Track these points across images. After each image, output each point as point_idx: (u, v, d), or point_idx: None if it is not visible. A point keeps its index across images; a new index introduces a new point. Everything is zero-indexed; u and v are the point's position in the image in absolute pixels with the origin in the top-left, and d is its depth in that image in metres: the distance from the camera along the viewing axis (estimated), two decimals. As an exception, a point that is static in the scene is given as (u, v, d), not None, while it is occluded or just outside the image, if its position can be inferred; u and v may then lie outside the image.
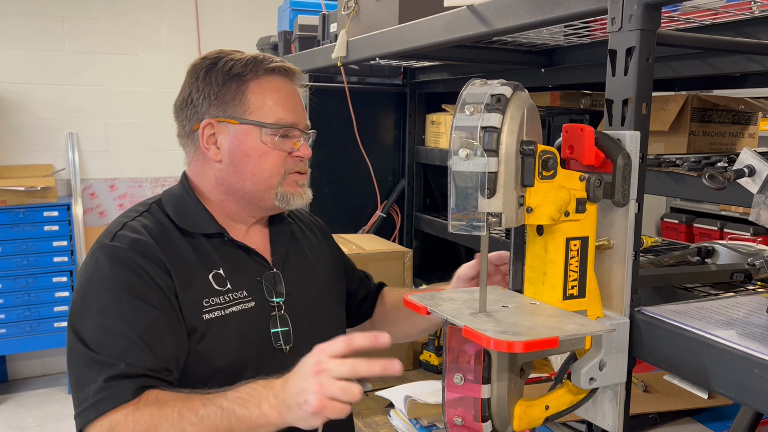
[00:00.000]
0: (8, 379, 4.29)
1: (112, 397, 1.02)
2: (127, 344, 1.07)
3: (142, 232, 1.17)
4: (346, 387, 0.93)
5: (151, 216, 1.23)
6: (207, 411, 1.00)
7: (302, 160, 1.28)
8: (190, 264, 1.18)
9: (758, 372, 0.78)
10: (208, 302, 1.17)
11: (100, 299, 1.11)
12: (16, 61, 4.18)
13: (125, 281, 1.12)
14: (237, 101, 1.23)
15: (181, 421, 0.99)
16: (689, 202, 4.74)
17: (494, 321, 0.82)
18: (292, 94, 1.28)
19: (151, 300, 1.11)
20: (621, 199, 0.91)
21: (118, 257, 1.13)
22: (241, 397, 1.00)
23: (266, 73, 1.25)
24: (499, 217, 0.84)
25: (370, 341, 0.98)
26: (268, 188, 1.25)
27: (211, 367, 1.15)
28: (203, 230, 1.24)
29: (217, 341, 1.16)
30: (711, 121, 1.76)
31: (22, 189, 3.87)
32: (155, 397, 1.04)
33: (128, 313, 1.09)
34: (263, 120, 1.23)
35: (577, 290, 0.92)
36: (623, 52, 0.94)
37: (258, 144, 1.23)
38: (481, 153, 0.82)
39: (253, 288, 1.24)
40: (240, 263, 1.25)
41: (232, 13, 4.67)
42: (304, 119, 1.29)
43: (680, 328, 0.89)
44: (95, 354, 1.06)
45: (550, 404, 0.94)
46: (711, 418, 1.33)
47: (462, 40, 1.36)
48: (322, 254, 1.44)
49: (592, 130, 0.91)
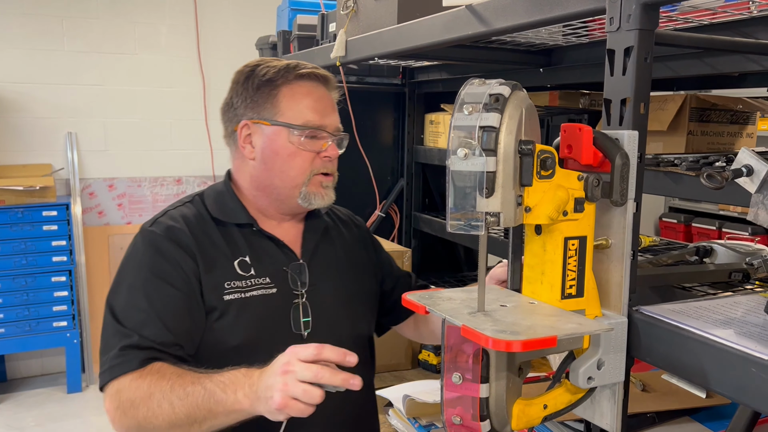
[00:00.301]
0: (7, 379, 4.29)
1: (122, 364, 1.17)
2: (146, 319, 1.20)
3: (178, 220, 1.31)
4: (308, 390, 1.00)
5: (191, 206, 1.37)
6: (193, 389, 1.09)
7: (330, 161, 1.35)
8: (218, 249, 1.30)
9: (756, 371, 0.78)
10: (230, 285, 1.27)
11: (131, 277, 1.26)
12: (15, 61, 4.17)
13: (153, 263, 1.25)
14: (269, 104, 1.33)
15: (170, 394, 1.11)
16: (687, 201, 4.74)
17: (492, 320, 0.83)
18: (321, 98, 1.36)
19: (174, 282, 1.24)
20: (619, 198, 0.91)
21: (151, 241, 1.28)
22: (223, 382, 1.09)
23: (297, 78, 1.34)
24: (497, 217, 0.84)
25: (338, 356, 1.05)
26: (294, 186, 1.33)
27: (226, 344, 1.25)
28: (235, 220, 1.35)
29: (234, 321, 1.26)
30: (709, 121, 1.76)
31: (20, 188, 3.86)
32: (158, 369, 1.16)
33: (151, 292, 1.23)
34: (291, 122, 1.32)
35: (576, 289, 0.92)
36: (621, 52, 0.94)
37: (286, 144, 1.32)
38: (479, 152, 0.82)
39: (277, 276, 1.32)
40: (267, 252, 1.34)
41: (231, 12, 4.67)
42: (334, 122, 1.37)
43: (678, 327, 0.89)
44: (119, 325, 1.21)
45: (548, 403, 0.94)
46: (709, 417, 1.33)
47: (461, 39, 1.36)
48: (355, 252, 1.50)
49: (591, 129, 0.92)
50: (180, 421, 1.10)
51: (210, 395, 1.08)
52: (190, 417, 1.09)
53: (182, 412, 1.09)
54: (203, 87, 4.64)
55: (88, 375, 4.29)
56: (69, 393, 4.14)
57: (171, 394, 1.10)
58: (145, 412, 1.12)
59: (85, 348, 4.27)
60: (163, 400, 1.10)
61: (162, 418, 1.11)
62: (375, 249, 1.58)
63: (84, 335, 4.26)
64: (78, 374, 4.16)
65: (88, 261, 4.34)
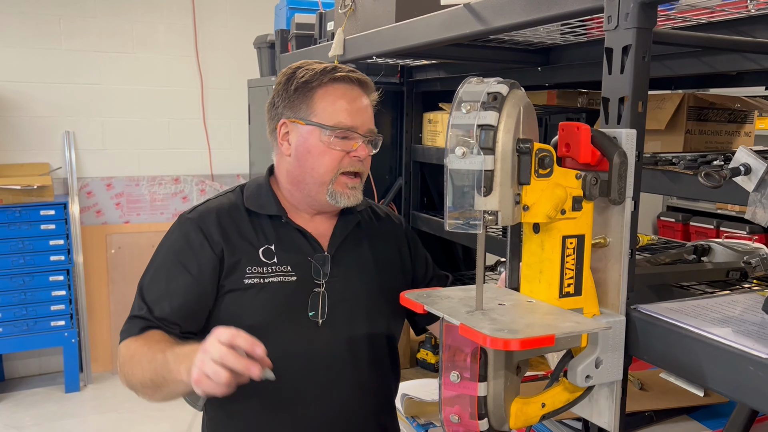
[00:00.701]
0: (5, 378, 4.28)
1: (128, 330, 1.35)
2: (159, 296, 1.36)
3: (213, 210, 1.43)
4: (217, 371, 1.07)
5: (231, 196, 1.48)
6: (158, 356, 1.22)
7: (359, 160, 1.41)
8: (245, 238, 1.41)
9: (754, 369, 0.79)
10: (251, 270, 1.38)
11: (160, 258, 1.42)
12: (12, 60, 4.17)
13: (179, 249, 1.40)
14: (305, 105, 1.41)
15: (143, 357, 1.25)
16: (685, 200, 4.75)
17: (490, 319, 0.83)
18: (354, 100, 1.42)
19: (191, 269, 1.37)
20: (617, 197, 0.91)
21: (182, 229, 1.42)
22: (177, 354, 1.20)
23: (332, 81, 1.41)
24: (495, 216, 0.84)
25: (248, 345, 1.11)
26: (322, 183, 1.41)
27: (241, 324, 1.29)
28: (266, 211, 1.44)
29: (250, 302, 1.37)
30: (707, 120, 1.76)
31: (18, 188, 3.86)
32: (151, 335, 1.31)
33: (170, 274, 1.38)
34: (324, 122, 1.39)
35: (574, 288, 0.92)
36: (619, 51, 0.94)
37: (318, 143, 1.39)
38: (477, 151, 0.82)
39: (299, 265, 1.41)
40: (293, 243, 1.43)
41: (229, 11, 4.66)
42: (366, 124, 1.43)
43: (676, 325, 0.89)
44: (140, 298, 1.38)
45: (546, 402, 0.94)
46: (707, 415, 1.33)
47: (459, 38, 1.36)
48: (386, 249, 1.55)
49: (589, 128, 0.92)
50: (147, 382, 1.25)
51: (165, 364, 1.20)
52: (152, 381, 1.23)
53: (147, 376, 1.24)
54: (201, 86, 4.63)
55: (86, 374, 4.28)
56: (67, 392, 4.13)
57: (143, 358, 1.25)
58: (128, 370, 1.29)
59: (83, 347, 4.26)
60: (137, 364, 1.26)
61: (137, 378, 1.27)
62: (410, 247, 1.62)
63: (82, 334, 4.25)
64: (76, 374, 4.16)
65: (86, 260, 4.33)
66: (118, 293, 4.41)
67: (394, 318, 1.53)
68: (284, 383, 1.34)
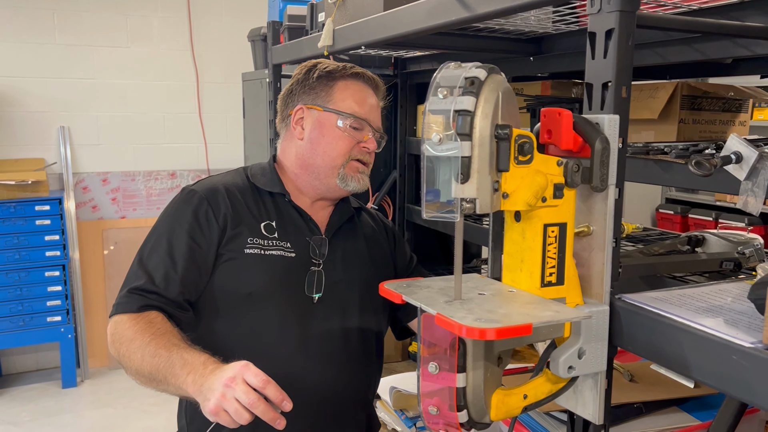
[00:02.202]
0: (2, 374, 4.28)
1: (125, 304, 1.33)
2: (160, 263, 1.37)
3: (218, 183, 1.47)
4: (239, 410, 1.07)
5: (235, 174, 1.54)
6: (161, 353, 1.21)
7: (368, 152, 1.49)
8: (249, 211, 1.45)
9: (737, 359, 0.77)
10: (252, 241, 1.41)
11: (161, 225, 1.43)
12: (5, 55, 4.14)
13: (183, 216, 1.41)
14: (324, 93, 1.49)
15: (145, 347, 1.23)
16: (684, 192, 4.73)
17: (468, 308, 0.81)
18: (369, 98, 1.52)
19: (195, 236, 1.39)
20: (599, 184, 0.89)
21: (186, 198, 1.44)
22: (185, 359, 1.19)
23: (352, 76, 1.51)
24: (473, 203, 0.82)
25: (277, 398, 1.10)
26: (333, 167, 1.46)
27: (238, 292, 1.39)
28: (270, 188, 1.50)
29: (249, 271, 1.39)
30: (701, 109, 1.74)
31: (12, 183, 3.84)
32: (151, 319, 1.30)
33: (173, 240, 1.39)
34: (342, 110, 1.47)
35: (556, 277, 0.91)
36: (603, 35, 0.92)
37: (333, 128, 1.47)
38: (454, 137, 0.80)
39: (298, 244, 1.45)
40: (293, 222, 1.48)
41: (224, 4, 4.63)
42: (376, 120, 1.52)
43: (659, 315, 0.87)
44: (138, 266, 1.39)
45: (528, 393, 0.92)
46: (697, 407, 1.32)
47: (445, 26, 1.34)
48: (376, 244, 1.60)
49: (571, 113, 0.90)
50: (144, 373, 1.24)
51: (170, 366, 1.19)
52: (151, 375, 1.23)
53: (146, 368, 1.23)
54: (197, 80, 4.61)
55: (83, 370, 4.28)
56: (64, 388, 4.13)
57: (145, 348, 1.23)
58: (125, 351, 1.27)
59: (79, 343, 4.26)
60: (138, 350, 1.24)
61: (132, 364, 1.26)
62: (394, 245, 1.65)
63: (78, 330, 4.25)
64: (73, 369, 4.15)
65: (82, 256, 4.32)
66: (114, 288, 4.39)
67: (382, 311, 1.55)
68: (278, 356, 1.37)
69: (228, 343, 1.38)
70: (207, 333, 1.40)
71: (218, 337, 1.39)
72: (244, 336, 1.39)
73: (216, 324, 1.40)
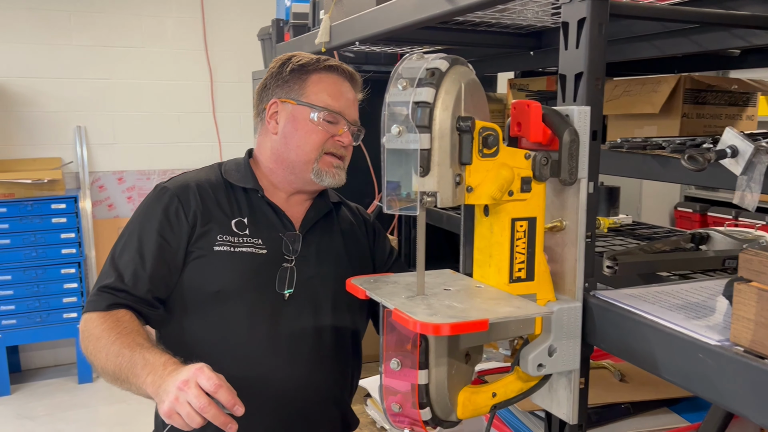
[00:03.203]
0: (21, 369, 4.36)
1: (95, 302, 1.34)
2: (130, 260, 1.37)
3: (190, 179, 1.46)
4: (191, 414, 1.08)
5: (208, 170, 1.52)
6: (124, 352, 1.22)
7: (343, 146, 1.46)
8: (220, 208, 1.43)
9: (702, 356, 0.74)
10: (222, 238, 1.40)
11: (133, 224, 1.43)
12: (23, 56, 4.22)
13: (153, 214, 1.40)
14: (298, 87, 1.47)
15: (110, 346, 1.25)
16: (703, 190, 4.62)
17: (427, 304, 0.79)
18: (344, 91, 1.49)
19: (165, 234, 1.38)
20: (567, 177, 0.87)
21: (159, 195, 1.43)
22: (146, 360, 1.20)
23: (326, 69, 1.48)
24: (434, 197, 0.80)
25: (229, 402, 1.10)
26: (307, 161, 1.44)
27: (207, 289, 1.38)
28: (243, 184, 1.48)
29: (217, 269, 1.38)
30: (705, 103, 1.70)
31: (29, 182, 3.91)
32: (119, 317, 1.31)
33: (144, 237, 1.38)
34: (315, 103, 1.45)
35: (525, 273, 0.89)
36: (575, 24, 0.90)
37: (307, 122, 1.44)
38: (413, 129, 0.79)
39: (270, 240, 1.43)
40: (266, 218, 1.46)
41: (237, 4, 4.66)
42: (352, 114, 1.49)
43: (629, 311, 0.85)
44: (110, 264, 1.39)
45: (497, 391, 0.90)
46: (688, 408, 1.28)
47: (431, 19, 1.33)
48: (354, 241, 1.57)
49: (539, 105, 0.87)
50: (108, 371, 1.25)
51: (132, 366, 1.20)
52: (114, 374, 1.24)
53: (110, 367, 1.24)
54: (210, 79, 4.64)
55: (99, 366, 4.34)
56: (80, 383, 4.19)
57: (109, 347, 1.24)
58: (92, 349, 1.28)
59: (95, 339, 4.31)
60: (103, 349, 1.25)
61: (97, 362, 1.27)
62: (373, 239, 1.62)
63: (95, 327, 4.30)
64: (88, 365, 4.19)
65: (98, 253, 4.38)
66: (130, 286, 4.45)
67: (359, 310, 1.52)
68: (246, 353, 1.36)
69: (197, 340, 1.38)
70: (178, 330, 1.40)
71: (188, 335, 1.39)
72: (213, 333, 1.38)
73: (186, 321, 1.39)
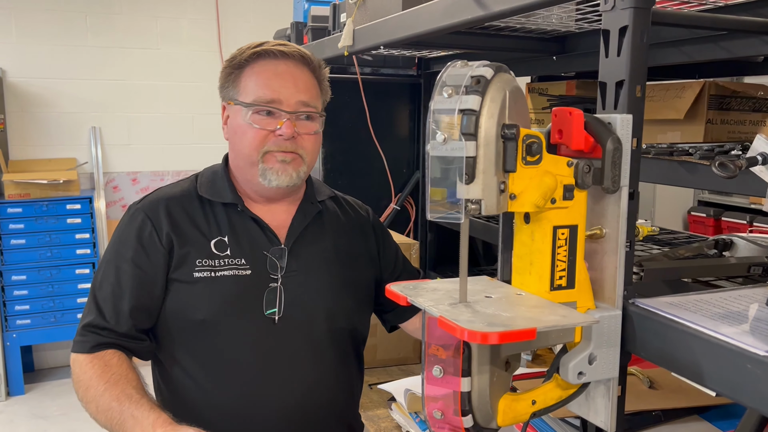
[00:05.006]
0: (35, 369, 4.38)
1: (81, 343, 1.28)
2: (109, 295, 1.29)
3: (162, 199, 1.35)
4: None
5: (185, 184, 1.40)
6: (114, 407, 1.18)
7: (284, 139, 1.30)
8: (196, 228, 1.32)
9: (751, 368, 0.74)
10: (201, 263, 1.30)
11: (109, 252, 1.34)
12: (40, 57, 4.24)
13: (127, 241, 1.31)
14: (234, 85, 1.35)
15: (99, 398, 1.21)
16: (717, 195, 4.61)
17: (472, 311, 0.79)
18: (279, 75, 1.32)
19: (140, 262, 1.30)
20: (611, 185, 0.87)
21: (131, 218, 1.34)
22: (135, 418, 1.16)
23: (258, 57, 1.34)
24: (478, 204, 0.80)
25: None
26: (251, 164, 1.32)
27: (191, 318, 1.30)
28: (221, 199, 1.36)
29: (200, 296, 1.29)
30: (730, 109, 1.69)
31: (45, 182, 3.93)
32: (107, 361, 1.25)
33: (120, 269, 1.30)
34: (243, 99, 1.32)
35: (566, 281, 0.88)
36: (616, 32, 0.90)
37: (240, 122, 1.32)
38: (459, 137, 0.79)
39: (254, 259, 1.32)
40: (248, 234, 1.34)
41: (251, 6, 4.67)
42: (294, 97, 1.32)
43: (673, 321, 0.85)
44: (92, 298, 1.32)
45: (537, 399, 0.90)
46: (719, 416, 1.27)
47: (461, 24, 1.33)
48: (350, 241, 1.46)
49: (582, 113, 0.87)
50: (100, 423, 1.22)
51: (121, 423, 1.17)
52: (106, 426, 1.21)
53: (101, 420, 1.21)
54: (225, 81, 4.66)
55: (112, 366, 4.35)
56: (94, 383, 4.20)
57: (99, 399, 1.21)
58: (82, 397, 1.26)
59: (109, 339, 4.33)
60: (92, 401, 1.22)
61: (89, 411, 1.24)
62: (378, 240, 1.53)
63: (108, 327, 4.32)
64: (102, 365, 4.22)
65: (112, 254, 4.40)
66: (143, 286, 4.46)
67: (359, 312, 1.45)
68: (239, 380, 1.30)
69: (188, 369, 1.32)
70: (168, 359, 1.35)
71: (178, 363, 1.33)
72: (202, 362, 1.31)
73: (174, 350, 1.33)
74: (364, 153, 2.51)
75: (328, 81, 1.44)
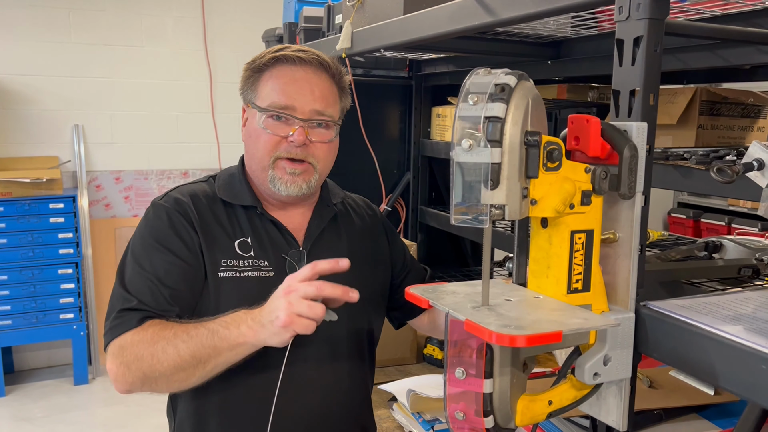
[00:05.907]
0: (15, 370, 4.31)
1: (123, 324, 1.23)
2: (147, 284, 1.26)
3: (186, 196, 1.35)
4: (311, 305, 1.09)
5: (204, 185, 1.41)
6: (197, 331, 1.16)
7: (296, 146, 1.31)
8: (221, 228, 1.33)
9: (766, 368, 0.77)
10: (226, 263, 1.30)
11: (138, 245, 1.32)
12: (22, 53, 4.18)
13: (159, 232, 1.30)
14: (253, 88, 1.37)
15: (174, 339, 1.17)
16: (696, 197, 4.71)
17: (496, 314, 0.81)
18: (296, 80, 1.33)
19: (176, 250, 1.28)
20: (627, 191, 0.89)
21: (159, 213, 1.33)
22: (225, 321, 1.16)
23: (276, 61, 1.35)
24: (502, 210, 0.82)
25: (331, 265, 1.15)
26: (263, 169, 1.34)
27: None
28: (240, 202, 1.37)
29: (226, 298, 1.28)
30: (720, 115, 1.74)
31: (27, 181, 3.87)
32: (158, 323, 1.22)
33: (154, 259, 1.28)
34: (259, 103, 1.34)
35: (582, 284, 0.91)
36: (631, 42, 0.92)
37: (255, 126, 1.34)
38: (484, 144, 0.80)
39: (276, 261, 1.34)
40: (269, 236, 1.36)
41: (237, 4, 4.65)
42: (309, 104, 1.32)
43: (686, 323, 0.87)
44: (123, 290, 1.27)
45: (553, 399, 0.92)
46: (717, 414, 1.31)
47: (467, 30, 1.34)
48: (364, 242, 1.49)
49: (599, 121, 0.90)
50: (185, 363, 1.16)
51: (213, 333, 1.15)
52: (195, 357, 1.15)
53: (187, 354, 1.15)
54: (210, 80, 4.63)
55: (94, 367, 4.31)
56: (76, 385, 4.16)
57: (175, 339, 1.17)
58: (150, 360, 1.17)
59: (91, 340, 4.29)
60: (168, 346, 1.16)
61: (167, 363, 1.16)
62: (389, 239, 1.56)
63: (90, 327, 4.27)
64: (85, 366, 4.18)
65: (95, 253, 4.35)
66: (126, 286, 4.41)
67: (375, 313, 1.48)
68: (263, 381, 1.29)
69: None
70: None
71: None
72: None
73: None
74: (355, 154, 2.51)
75: (349, 87, 1.45)
